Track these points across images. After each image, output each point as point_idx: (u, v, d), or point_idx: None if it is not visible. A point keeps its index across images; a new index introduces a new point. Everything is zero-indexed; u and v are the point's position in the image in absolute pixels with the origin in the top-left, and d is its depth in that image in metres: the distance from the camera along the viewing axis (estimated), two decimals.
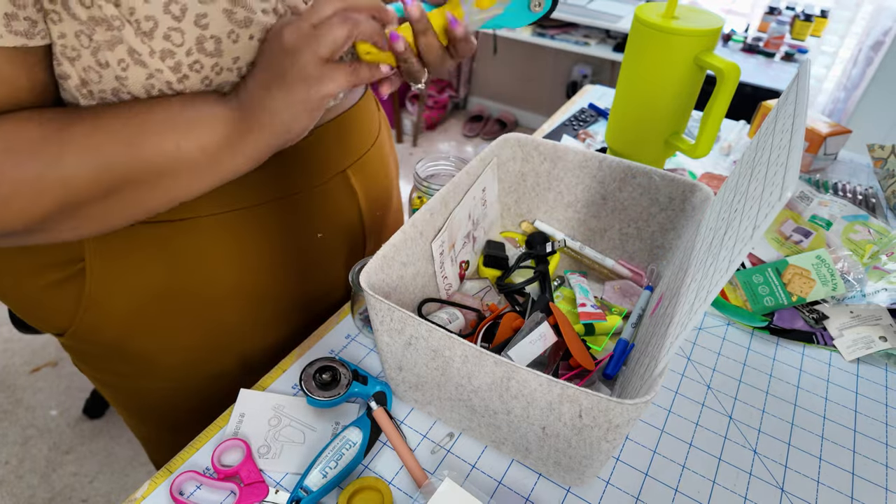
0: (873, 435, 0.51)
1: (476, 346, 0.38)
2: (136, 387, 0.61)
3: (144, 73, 0.39)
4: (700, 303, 0.35)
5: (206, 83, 0.42)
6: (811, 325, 0.61)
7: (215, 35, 0.40)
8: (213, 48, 0.40)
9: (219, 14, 0.40)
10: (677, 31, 0.67)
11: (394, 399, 0.51)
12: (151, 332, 0.55)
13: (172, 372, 0.59)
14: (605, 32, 2.29)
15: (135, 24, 0.37)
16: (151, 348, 0.56)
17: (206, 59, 0.41)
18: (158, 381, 0.60)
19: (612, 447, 0.39)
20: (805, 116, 0.35)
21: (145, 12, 0.37)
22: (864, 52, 2.04)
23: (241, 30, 0.41)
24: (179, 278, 0.52)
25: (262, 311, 0.59)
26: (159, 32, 0.38)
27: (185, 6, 0.38)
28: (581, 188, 0.64)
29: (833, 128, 0.87)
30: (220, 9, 0.39)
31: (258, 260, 0.56)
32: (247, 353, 0.60)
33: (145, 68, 0.39)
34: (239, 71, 0.43)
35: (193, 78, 0.41)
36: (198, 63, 0.40)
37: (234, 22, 0.40)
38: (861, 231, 0.71)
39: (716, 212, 0.47)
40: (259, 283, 0.57)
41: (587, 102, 1.07)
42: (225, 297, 0.55)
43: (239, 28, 0.41)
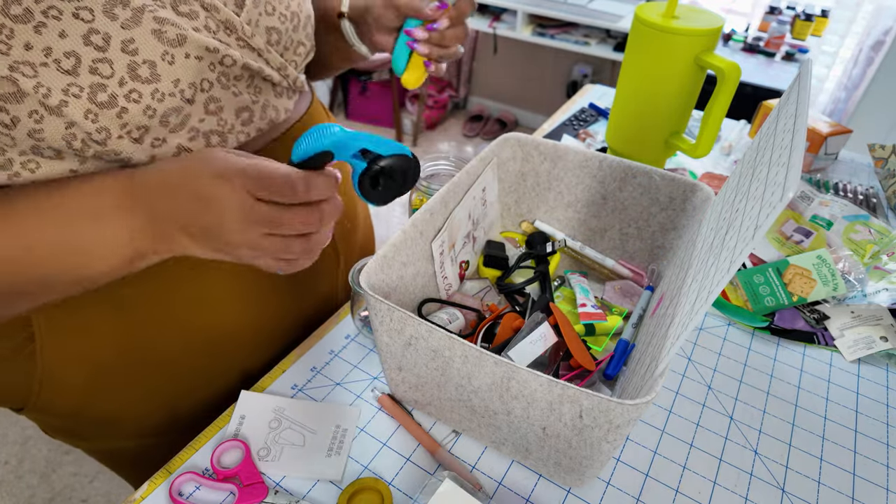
0: (874, 435, 0.51)
1: (476, 347, 0.38)
2: (109, 447, 0.59)
3: (62, 122, 0.37)
4: (701, 303, 0.34)
5: (149, 113, 0.39)
6: (812, 325, 0.61)
7: (148, 59, 0.38)
8: (149, 73, 0.38)
9: (147, 36, 0.37)
10: (678, 30, 0.67)
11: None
12: (116, 393, 0.52)
13: (145, 429, 0.56)
14: (606, 32, 2.28)
15: (54, 64, 0.35)
16: (116, 410, 0.54)
17: (142, 86, 0.38)
18: (128, 441, 0.57)
19: (612, 448, 0.39)
20: (806, 116, 0.34)
21: (64, 48, 0.35)
22: (864, 52, 2.03)
23: (175, 49, 0.39)
24: (139, 335, 0.50)
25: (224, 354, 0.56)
26: (84, 67, 0.36)
27: (108, 34, 0.36)
28: (581, 188, 0.64)
29: (834, 127, 0.87)
30: (147, 31, 0.37)
31: (220, 299, 0.53)
32: (209, 399, 0.57)
33: (61, 117, 0.36)
34: (182, 94, 0.41)
35: (133, 109, 0.38)
36: (135, 92, 0.38)
37: (166, 42, 0.38)
38: (862, 231, 0.70)
39: (717, 212, 0.47)
40: (223, 323, 0.54)
41: (587, 102, 1.07)
42: (188, 344, 0.53)
43: (172, 48, 0.39)
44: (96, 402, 0.52)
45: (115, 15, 0.36)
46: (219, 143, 0.46)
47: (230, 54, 0.43)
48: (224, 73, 0.44)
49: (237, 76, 0.46)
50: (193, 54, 0.40)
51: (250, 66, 0.45)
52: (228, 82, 0.45)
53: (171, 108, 0.41)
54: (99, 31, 0.36)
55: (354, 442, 0.48)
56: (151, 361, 0.52)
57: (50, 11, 0.34)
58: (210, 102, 0.44)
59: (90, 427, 0.55)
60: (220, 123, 0.46)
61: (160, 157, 0.43)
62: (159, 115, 0.40)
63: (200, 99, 0.43)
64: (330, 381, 0.53)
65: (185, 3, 0.40)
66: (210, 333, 0.53)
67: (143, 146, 0.41)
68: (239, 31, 0.44)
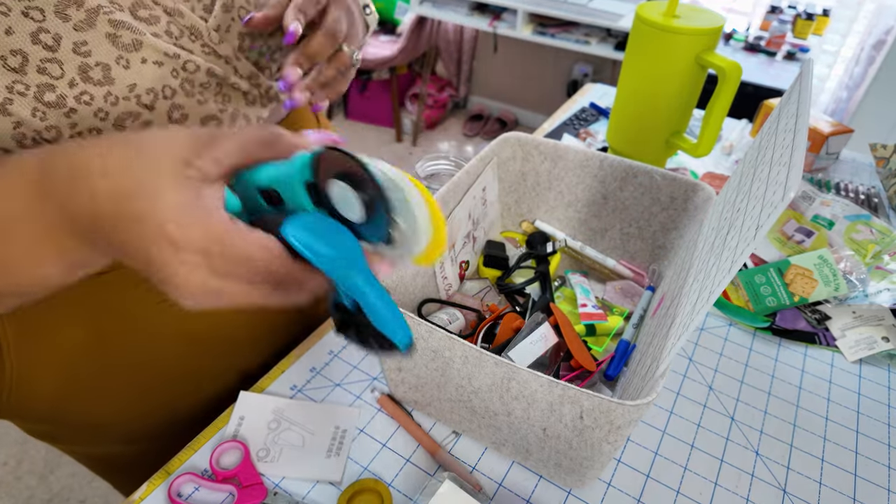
0: (875, 436, 0.51)
1: (476, 347, 0.38)
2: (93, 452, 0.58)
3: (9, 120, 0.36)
4: (702, 303, 0.34)
5: (101, 116, 0.39)
6: (813, 325, 0.61)
7: (101, 62, 0.37)
8: (102, 76, 0.38)
9: (101, 39, 0.37)
10: (678, 29, 0.67)
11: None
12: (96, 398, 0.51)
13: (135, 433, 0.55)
14: (606, 31, 2.28)
15: (0, 61, 0.34)
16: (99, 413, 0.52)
17: (94, 88, 0.37)
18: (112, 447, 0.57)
19: (613, 448, 0.39)
20: (808, 116, 0.34)
21: (10, 46, 0.34)
22: (866, 51, 2.03)
23: (131, 54, 0.38)
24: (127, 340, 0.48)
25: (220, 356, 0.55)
26: (31, 66, 0.35)
27: (59, 35, 0.35)
28: (582, 188, 0.63)
29: (835, 127, 0.87)
30: (101, 34, 0.37)
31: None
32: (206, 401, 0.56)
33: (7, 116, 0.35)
34: (138, 99, 0.40)
35: (83, 111, 0.37)
36: (86, 94, 0.37)
37: (121, 47, 0.38)
38: (863, 231, 0.70)
39: (718, 211, 0.47)
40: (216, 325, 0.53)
41: (588, 101, 1.07)
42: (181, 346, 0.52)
43: (128, 52, 0.38)
44: (73, 408, 0.51)
45: (67, 16, 0.36)
46: None
47: (192, 60, 0.42)
48: (188, 80, 0.43)
49: (203, 83, 0.44)
50: (151, 59, 0.40)
51: (215, 72, 0.44)
52: (193, 89, 0.44)
53: (126, 112, 0.40)
54: (49, 31, 0.35)
55: (354, 443, 0.48)
56: (140, 365, 0.51)
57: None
58: (174, 110, 0.43)
59: (70, 432, 0.54)
60: None
61: None
62: (112, 118, 0.39)
63: (162, 106, 0.42)
64: (329, 381, 0.53)
65: (144, 8, 0.39)
66: (204, 335, 0.52)
67: None
68: (205, 38, 0.43)
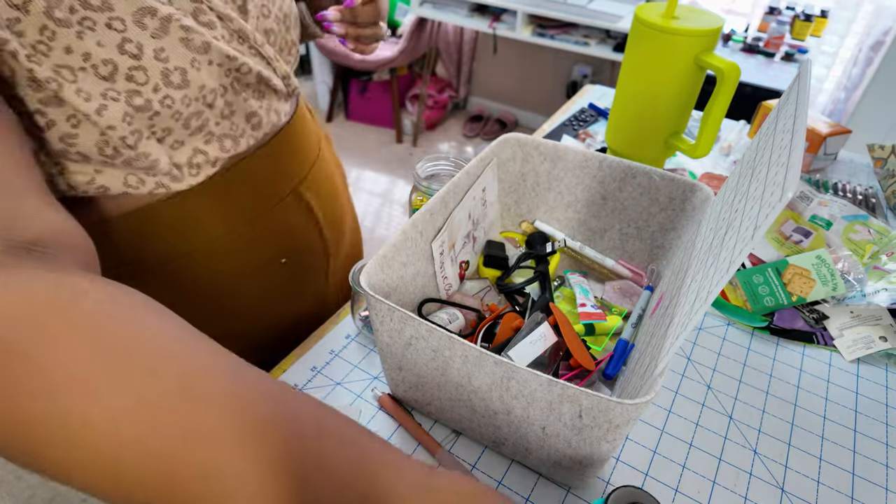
0: (873, 435, 0.51)
1: (476, 347, 0.38)
2: None
3: (97, 129, 0.38)
4: (700, 303, 0.35)
5: (176, 117, 0.41)
6: (811, 325, 0.61)
7: (179, 66, 0.40)
8: (180, 80, 0.40)
9: (176, 45, 0.39)
10: (677, 31, 0.67)
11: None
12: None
13: None
14: (605, 32, 2.28)
15: (92, 70, 0.36)
16: None
17: (175, 91, 0.40)
18: None
19: (612, 447, 0.39)
20: (806, 116, 0.35)
21: (102, 56, 0.36)
22: (864, 52, 2.03)
23: (202, 56, 0.41)
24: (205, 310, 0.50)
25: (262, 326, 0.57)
26: (120, 74, 0.37)
27: (141, 43, 0.37)
28: (581, 188, 0.64)
29: (833, 128, 0.87)
30: (175, 39, 0.39)
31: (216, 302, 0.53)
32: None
33: (97, 125, 0.37)
34: (204, 99, 0.43)
35: (164, 113, 0.40)
36: (168, 98, 0.40)
37: (193, 50, 0.40)
38: (861, 231, 0.71)
39: (716, 212, 0.47)
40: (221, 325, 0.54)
41: (587, 102, 1.07)
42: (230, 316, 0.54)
43: (199, 55, 0.41)
44: None
45: (144, 24, 0.38)
46: (231, 146, 0.48)
47: (246, 62, 0.45)
48: (238, 80, 0.46)
49: (248, 83, 0.47)
50: (216, 61, 0.42)
51: (262, 74, 0.47)
52: (240, 88, 0.46)
53: (195, 111, 0.42)
54: (132, 41, 0.37)
55: None
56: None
57: (85, 22, 0.35)
58: (225, 107, 0.46)
59: None
60: (232, 128, 0.47)
61: (175, 158, 0.45)
62: (184, 118, 0.42)
63: (219, 104, 0.45)
64: (330, 380, 0.53)
65: (203, 14, 0.41)
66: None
67: (164, 146, 0.43)
68: (251, 40, 0.46)
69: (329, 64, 2.89)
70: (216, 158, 0.47)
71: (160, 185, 0.45)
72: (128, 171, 0.42)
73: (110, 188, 0.42)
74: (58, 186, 0.41)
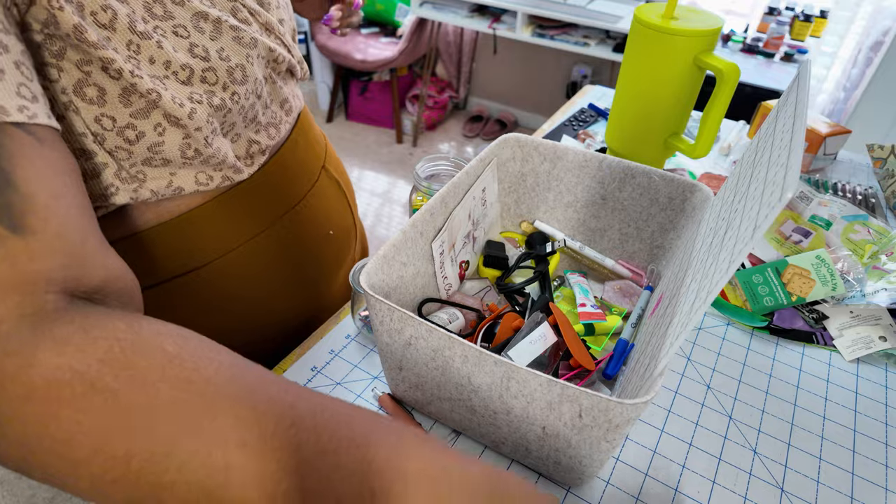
0: (873, 435, 0.51)
1: (476, 347, 0.38)
2: None
3: (181, 133, 0.39)
4: (700, 303, 0.35)
5: (241, 112, 0.43)
6: (811, 325, 0.61)
7: (239, 63, 0.41)
8: (241, 76, 0.42)
9: (231, 43, 0.41)
10: (677, 31, 0.67)
11: None
12: None
13: None
14: (605, 33, 2.29)
15: (174, 77, 0.38)
16: None
17: (240, 88, 0.42)
18: None
19: (611, 447, 0.39)
20: (805, 117, 0.35)
21: (180, 62, 0.38)
22: (863, 53, 2.04)
23: (252, 51, 0.43)
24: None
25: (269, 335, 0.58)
26: (196, 77, 0.39)
27: (206, 47, 0.39)
28: (581, 188, 0.64)
29: (832, 128, 0.87)
30: (229, 38, 0.41)
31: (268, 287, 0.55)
32: None
33: (182, 128, 0.39)
34: (256, 92, 0.45)
35: (234, 109, 0.42)
36: (235, 94, 0.42)
37: (245, 46, 0.42)
38: (861, 231, 0.71)
39: (716, 212, 0.47)
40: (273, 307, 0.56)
41: (587, 103, 1.07)
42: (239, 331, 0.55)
43: (250, 50, 0.42)
44: None
45: (202, 28, 0.39)
46: (275, 133, 0.50)
47: (280, 53, 0.47)
48: (274, 69, 0.48)
49: (280, 71, 0.50)
50: (262, 55, 0.44)
51: (291, 63, 0.50)
52: (275, 76, 0.49)
53: (251, 103, 0.45)
54: (198, 45, 0.39)
55: None
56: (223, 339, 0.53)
57: (158, 31, 0.37)
58: (268, 96, 0.48)
59: None
60: (273, 116, 0.50)
61: (237, 151, 0.47)
62: (245, 111, 0.44)
63: (264, 94, 0.47)
64: (330, 380, 0.53)
65: (240, 11, 0.43)
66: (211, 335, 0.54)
67: (227, 140, 0.45)
68: (276, 31, 0.47)
69: (329, 65, 2.89)
70: (266, 147, 0.50)
71: (226, 179, 0.46)
72: (199, 170, 0.44)
73: (184, 188, 0.44)
74: (140, 196, 0.41)
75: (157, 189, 0.42)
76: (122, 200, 0.41)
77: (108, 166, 0.39)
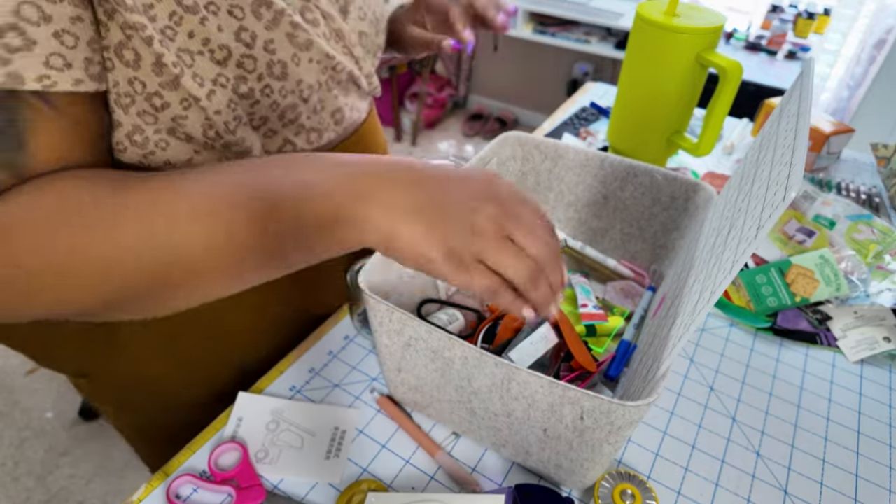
0: (877, 436, 0.51)
1: (476, 348, 0.38)
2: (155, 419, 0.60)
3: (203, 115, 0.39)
4: (703, 304, 0.34)
5: (273, 107, 0.43)
6: (815, 325, 0.61)
7: (281, 59, 0.42)
8: (280, 72, 0.42)
9: (283, 38, 0.41)
10: (679, 28, 0.67)
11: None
12: (172, 363, 0.54)
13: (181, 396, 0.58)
14: (607, 30, 2.28)
15: (209, 54, 0.38)
16: (169, 378, 0.55)
17: (275, 82, 0.42)
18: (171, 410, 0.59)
19: (613, 449, 0.38)
20: (809, 115, 0.34)
21: (220, 41, 0.38)
22: (867, 51, 2.03)
23: (303, 53, 0.43)
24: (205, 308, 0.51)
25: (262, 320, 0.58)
26: (232, 60, 0.39)
27: (255, 33, 0.39)
28: (582, 187, 0.63)
29: (836, 126, 0.86)
30: (283, 33, 0.41)
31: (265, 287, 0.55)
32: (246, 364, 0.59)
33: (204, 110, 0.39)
34: (300, 93, 0.45)
35: (264, 102, 0.42)
36: (268, 88, 0.42)
37: (297, 45, 0.42)
38: (865, 231, 0.70)
39: (719, 211, 0.46)
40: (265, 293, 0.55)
41: (588, 101, 1.06)
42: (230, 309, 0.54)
43: (301, 52, 0.43)
44: (154, 369, 0.54)
45: (260, 14, 0.40)
46: (316, 139, 0.50)
47: (341, 62, 0.47)
48: (332, 77, 0.48)
49: (339, 80, 0.49)
50: (315, 59, 0.44)
51: (353, 74, 0.49)
52: (332, 85, 0.49)
53: (289, 104, 0.44)
54: (248, 29, 0.39)
55: (353, 444, 0.48)
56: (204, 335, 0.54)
57: (210, 7, 0.37)
58: (318, 103, 0.48)
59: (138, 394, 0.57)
60: (319, 122, 0.50)
61: (267, 147, 0.47)
62: (279, 110, 0.44)
63: (313, 99, 0.47)
64: (329, 382, 0.53)
65: (310, 11, 0.44)
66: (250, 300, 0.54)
67: (258, 134, 0.45)
68: (346, 40, 0.48)
69: None
70: (302, 150, 0.50)
71: None
72: (222, 154, 0.44)
73: None
74: (152, 164, 0.41)
75: (176, 161, 0.42)
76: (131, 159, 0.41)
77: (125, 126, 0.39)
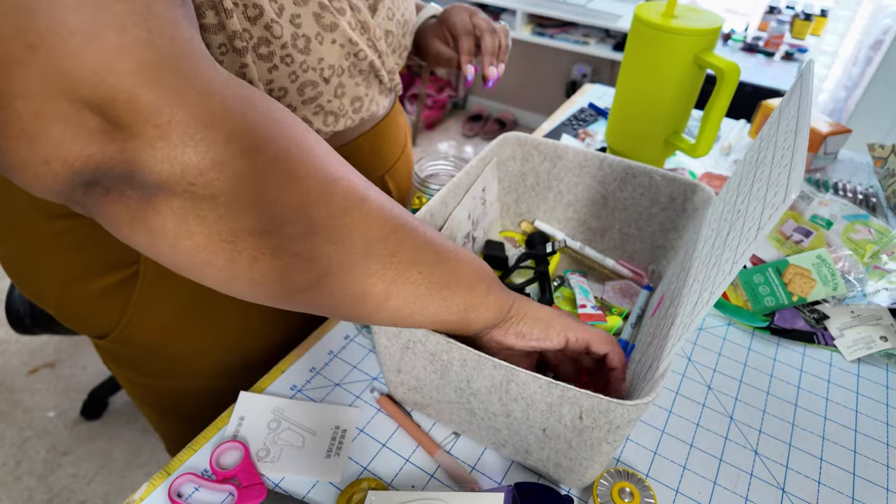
0: (874, 435, 0.51)
1: (474, 351, 0.38)
2: (166, 386, 0.61)
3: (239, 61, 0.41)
4: (702, 304, 0.34)
5: (292, 78, 0.45)
6: (812, 325, 0.61)
7: (306, 34, 0.44)
8: (304, 46, 0.44)
9: (309, 16, 0.44)
10: (677, 30, 0.67)
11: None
12: (189, 334, 0.55)
13: (202, 372, 0.59)
14: (605, 31, 2.28)
15: (243, 8, 0.40)
16: (187, 350, 0.56)
17: (297, 54, 0.44)
18: (188, 381, 0.60)
19: (612, 448, 0.39)
20: (809, 117, 0.34)
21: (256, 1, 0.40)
22: (864, 52, 2.03)
23: (327, 33, 0.45)
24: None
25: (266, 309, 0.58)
26: (262, 21, 0.41)
27: (283, 5, 0.42)
28: (581, 188, 0.63)
29: (833, 127, 0.87)
30: (310, 11, 0.43)
31: None
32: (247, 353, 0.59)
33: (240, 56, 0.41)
34: (321, 72, 0.47)
35: (282, 70, 0.44)
36: (289, 56, 0.44)
37: (322, 26, 0.45)
38: (861, 230, 0.70)
39: (718, 212, 0.47)
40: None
41: (587, 102, 1.07)
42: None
43: (325, 31, 0.45)
44: (173, 339, 0.55)
45: None
46: (332, 123, 0.52)
47: (363, 50, 0.49)
48: (354, 65, 0.50)
49: (361, 70, 0.51)
50: (339, 41, 0.47)
51: (374, 64, 0.52)
52: (354, 72, 0.51)
53: (309, 80, 0.46)
54: (277, 1, 0.42)
55: (354, 443, 0.48)
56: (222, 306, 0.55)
57: None
58: (339, 87, 0.50)
59: (157, 364, 0.58)
60: (339, 107, 0.52)
61: None
62: (299, 82, 0.46)
63: (334, 82, 0.49)
64: (329, 381, 0.53)
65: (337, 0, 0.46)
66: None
67: None
68: (371, 33, 0.50)
69: None
70: (318, 131, 0.51)
71: None
72: None
73: None
74: None
75: None
76: None
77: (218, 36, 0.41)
